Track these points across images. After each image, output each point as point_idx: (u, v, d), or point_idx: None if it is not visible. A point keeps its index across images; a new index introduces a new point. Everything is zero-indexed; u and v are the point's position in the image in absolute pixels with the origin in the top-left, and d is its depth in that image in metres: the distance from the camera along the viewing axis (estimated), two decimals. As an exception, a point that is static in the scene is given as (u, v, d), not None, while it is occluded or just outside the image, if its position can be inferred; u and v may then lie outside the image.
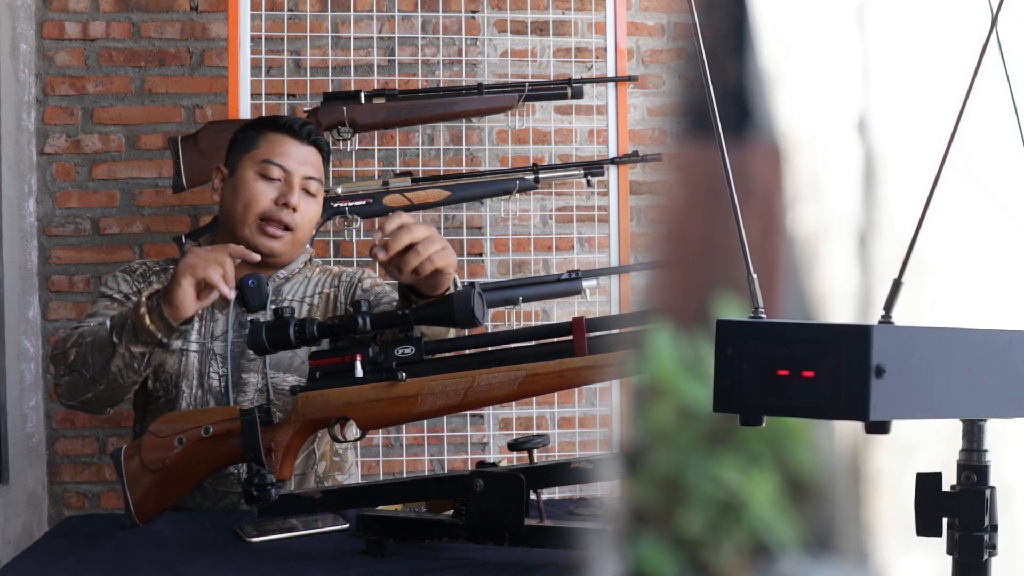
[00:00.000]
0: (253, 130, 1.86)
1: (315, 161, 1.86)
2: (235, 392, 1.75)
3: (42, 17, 2.86)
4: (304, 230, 1.84)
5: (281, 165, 1.81)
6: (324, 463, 1.84)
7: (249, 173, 1.81)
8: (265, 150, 1.82)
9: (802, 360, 0.75)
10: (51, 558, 1.40)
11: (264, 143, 1.83)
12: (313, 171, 1.84)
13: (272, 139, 1.83)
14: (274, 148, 1.82)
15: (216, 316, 1.80)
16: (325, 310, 1.84)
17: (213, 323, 1.79)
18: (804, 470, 1.03)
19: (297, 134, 1.84)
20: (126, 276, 1.84)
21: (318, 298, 1.85)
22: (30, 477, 2.76)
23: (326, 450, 1.84)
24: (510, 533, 1.32)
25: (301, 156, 1.83)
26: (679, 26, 2.35)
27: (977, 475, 0.85)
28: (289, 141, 1.83)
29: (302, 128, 1.85)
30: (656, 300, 1.08)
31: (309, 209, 1.84)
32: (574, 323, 1.34)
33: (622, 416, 2.54)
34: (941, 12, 1.13)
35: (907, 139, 1.12)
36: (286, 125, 1.84)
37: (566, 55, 2.85)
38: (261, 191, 1.80)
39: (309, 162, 1.84)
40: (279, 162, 1.81)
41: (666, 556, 1.00)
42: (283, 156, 1.82)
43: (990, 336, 0.83)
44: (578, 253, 2.86)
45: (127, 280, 1.82)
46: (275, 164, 1.81)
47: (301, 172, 1.82)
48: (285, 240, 1.81)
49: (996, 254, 1.13)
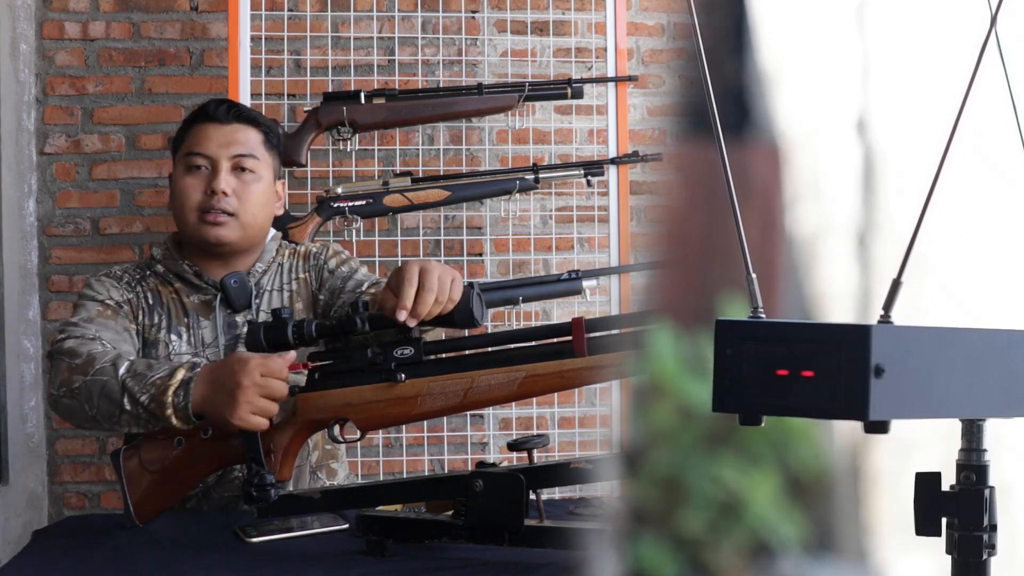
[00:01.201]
0: (183, 128, 1.83)
1: (244, 138, 1.78)
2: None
3: (42, 17, 2.86)
4: (251, 212, 1.77)
5: (202, 153, 1.76)
6: (317, 453, 1.83)
7: (179, 171, 1.79)
8: (189, 143, 1.79)
9: (801, 360, 0.75)
10: (51, 558, 1.40)
11: (189, 137, 1.79)
12: (242, 148, 1.77)
13: (194, 131, 1.79)
14: (196, 139, 1.78)
15: (203, 323, 1.77)
16: (305, 294, 1.83)
17: (201, 330, 1.77)
18: (806, 469, 1.03)
19: (214, 116, 1.78)
20: (114, 283, 1.78)
21: (296, 283, 1.83)
22: (30, 477, 2.76)
23: (319, 440, 1.82)
24: (510, 533, 1.32)
25: (223, 138, 1.77)
26: (679, 26, 2.35)
27: (976, 475, 0.85)
28: (209, 127, 1.78)
29: (220, 108, 1.79)
30: (656, 300, 1.08)
31: (247, 187, 1.77)
32: (574, 323, 1.34)
33: (622, 416, 2.54)
34: (941, 12, 1.13)
35: (907, 139, 1.12)
36: (204, 111, 1.80)
37: (566, 55, 2.85)
38: (190, 185, 1.76)
39: (235, 141, 1.78)
40: (200, 150, 1.76)
41: (666, 556, 1.00)
42: (203, 144, 1.77)
43: (989, 336, 0.83)
44: (578, 253, 2.86)
45: (116, 287, 1.77)
46: (197, 154, 1.77)
47: (226, 154, 1.76)
48: (231, 225, 1.76)
49: (996, 254, 1.13)
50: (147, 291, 1.78)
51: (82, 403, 1.53)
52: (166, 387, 1.45)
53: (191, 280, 1.78)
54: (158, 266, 1.81)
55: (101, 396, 1.51)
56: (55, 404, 1.60)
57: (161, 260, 1.81)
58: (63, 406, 1.58)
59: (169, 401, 1.45)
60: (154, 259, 1.83)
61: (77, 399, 1.54)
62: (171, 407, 1.44)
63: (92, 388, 1.52)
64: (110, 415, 1.51)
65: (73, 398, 1.55)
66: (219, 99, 1.86)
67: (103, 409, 1.51)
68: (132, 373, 1.50)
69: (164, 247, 1.84)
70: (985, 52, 0.81)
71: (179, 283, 1.79)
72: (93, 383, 1.52)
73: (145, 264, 1.84)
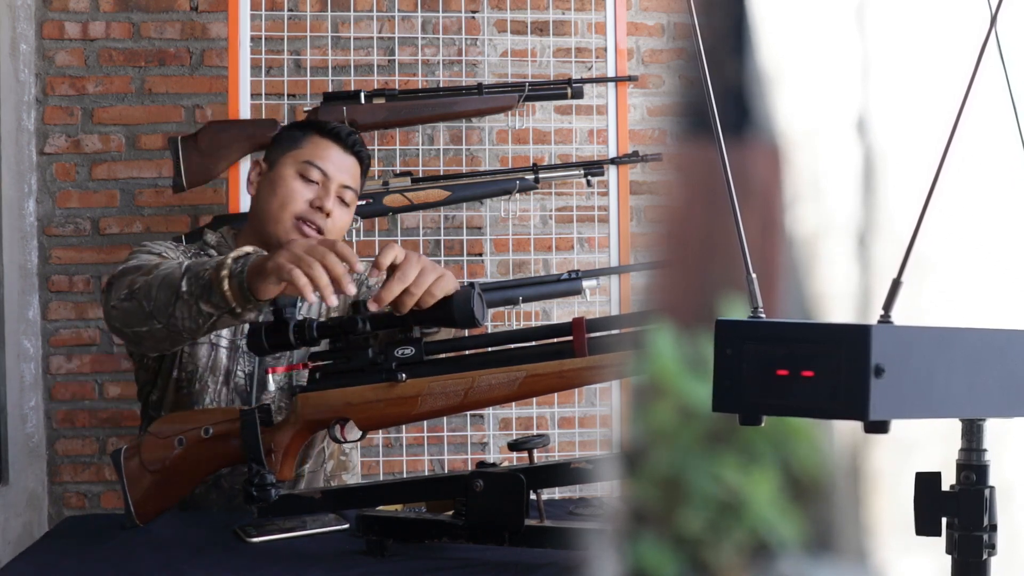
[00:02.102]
0: (299, 130, 1.85)
1: (354, 171, 1.84)
2: (259, 390, 1.76)
3: (42, 17, 2.86)
4: (334, 236, 1.81)
5: (321, 168, 1.79)
6: (332, 462, 1.84)
7: (289, 171, 1.80)
8: (308, 151, 1.81)
9: (801, 360, 0.75)
10: (51, 558, 1.40)
11: (308, 144, 1.82)
12: (351, 180, 1.83)
13: (317, 142, 1.82)
14: (317, 151, 1.81)
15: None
16: (342, 308, 1.84)
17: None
18: (806, 469, 1.03)
19: (342, 141, 1.83)
20: (171, 247, 1.76)
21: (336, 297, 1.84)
22: (30, 477, 2.76)
23: (334, 450, 1.85)
24: (510, 533, 1.32)
25: (342, 163, 1.82)
26: (679, 26, 2.36)
27: (976, 475, 0.85)
28: (333, 147, 1.82)
29: (348, 136, 1.84)
30: (656, 300, 1.09)
31: (341, 217, 1.82)
32: (574, 323, 1.34)
33: (622, 416, 2.54)
34: (940, 12, 1.13)
35: (907, 139, 1.12)
36: (332, 131, 1.83)
37: (566, 55, 2.85)
38: (298, 190, 1.78)
39: (348, 171, 1.82)
40: (320, 165, 1.79)
41: (666, 555, 1.00)
42: (324, 160, 1.80)
43: (989, 336, 0.83)
44: (578, 253, 2.86)
45: (173, 251, 1.75)
46: (315, 166, 1.79)
47: (339, 179, 1.80)
48: None
49: (995, 254, 1.13)
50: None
51: (140, 300, 1.49)
52: (225, 258, 1.43)
53: None
54: (211, 251, 1.81)
55: (161, 287, 1.47)
56: (113, 314, 1.56)
57: (216, 247, 1.82)
58: (121, 310, 1.53)
59: (227, 264, 1.41)
60: (207, 243, 1.83)
61: (136, 298, 1.50)
62: (227, 269, 1.40)
63: (153, 283, 1.49)
64: (166, 304, 1.46)
65: (132, 298, 1.51)
66: (346, 127, 1.89)
67: (160, 299, 1.46)
68: (196, 263, 1.48)
69: (219, 235, 1.84)
70: (985, 52, 0.81)
71: None
72: (155, 278, 1.49)
73: (198, 247, 1.83)
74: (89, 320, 2.87)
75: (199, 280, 1.43)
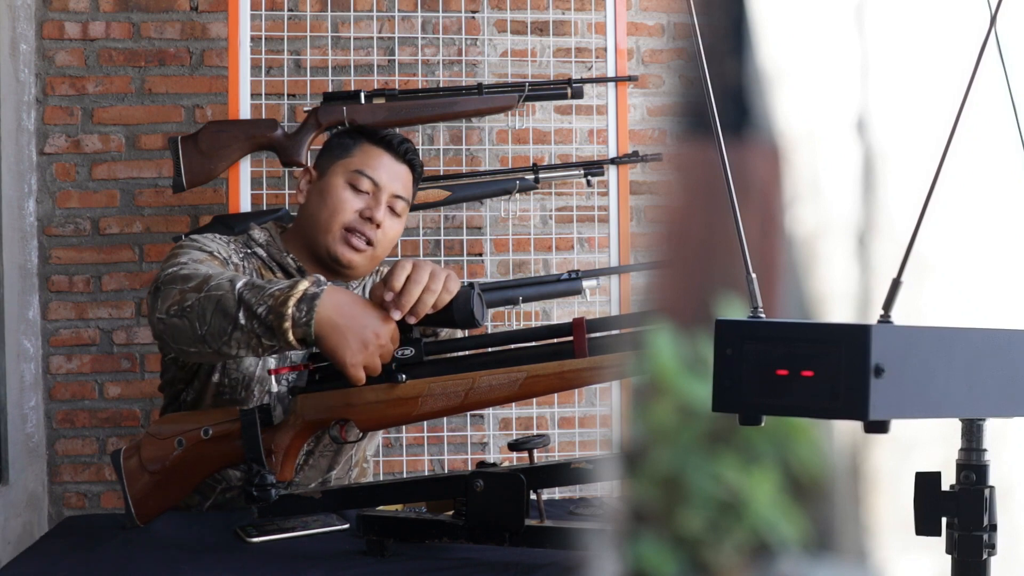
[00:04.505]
0: (350, 137, 1.82)
1: (406, 180, 1.81)
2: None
3: (42, 17, 2.86)
4: (383, 248, 1.79)
5: (372, 178, 1.76)
6: (356, 470, 1.84)
7: (339, 180, 1.77)
8: (359, 160, 1.78)
9: (801, 360, 0.75)
10: (51, 558, 1.40)
11: (359, 152, 1.78)
12: (402, 190, 1.79)
13: (368, 150, 1.78)
14: (368, 160, 1.78)
15: None
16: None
17: None
18: (806, 469, 1.03)
19: (394, 150, 1.79)
20: (221, 244, 1.71)
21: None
22: (30, 477, 2.76)
23: (360, 458, 1.84)
24: (510, 533, 1.32)
25: (394, 172, 1.79)
26: (679, 26, 2.36)
27: (976, 474, 0.85)
28: (384, 155, 1.79)
29: (400, 145, 1.80)
30: (656, 300, 1.09)
31: (392, 228, 1.79)
32: (575, 324, 1.34)
33: (622, 416, 2.54)
34: (940, 12, 1.13)
35: (906, 139, 1.12)
36: (384, 139, 1.80)
37: (566, 55, 2.85)
38: (348, 200, 1.75)
39: (400, 180, 1.79)
40: (371, 174, 1.76)
41: (666, 555, 1.00)
42: (376, 169, 1.77)
43: (989, 336, 0.83)
44: (578, 253, 2.86)
45: (223, 246, 1.71)
46: (366, 176, 1.76)
47: (391, 189, 1.77)
48: (365, 255, 1.76)
49: (995, 254, 1.13)
50: (252, 269, 1.74)
51: (193, 321, 1.44)
52: (287, 298, 1.37)
53: (292, 274, 1.75)
54: (259, 250, 1.77)
55: (215, 312, 1.41)
56: (160, 327, 1.50)
57: (265, 246, 1.78)
58: (171, 327, 1.47)
59: (289, 313, 1.36)
60: (254, 241, 1.78)
61: (187, 317, 1.44)
62: (290, 320, 1.36)
63: (206, 305, 1.42)
64: (221, 332, 1.41)
65: (184, 316, 1.45)
66: (398, 134, 1.85)
67: (215, 326, 1.41)
68: (250, 287, 1.41)
69: (268, 234, 1.80)
70: (985, 52, 0.81)
71: (280, 273, 1.76)
72: (208, 299, 1.43)
73: (244, 242, 1.78)
74: (89, 320, 2.87)
75: (259, 320, 1.38)
